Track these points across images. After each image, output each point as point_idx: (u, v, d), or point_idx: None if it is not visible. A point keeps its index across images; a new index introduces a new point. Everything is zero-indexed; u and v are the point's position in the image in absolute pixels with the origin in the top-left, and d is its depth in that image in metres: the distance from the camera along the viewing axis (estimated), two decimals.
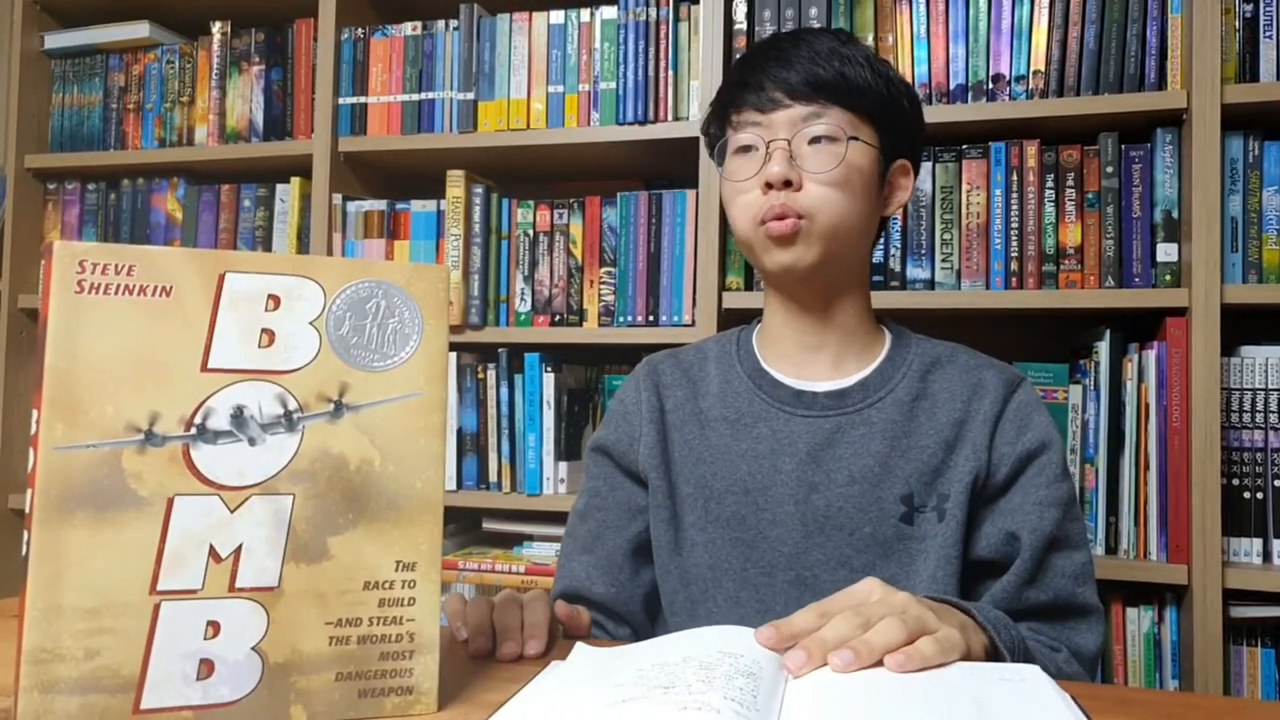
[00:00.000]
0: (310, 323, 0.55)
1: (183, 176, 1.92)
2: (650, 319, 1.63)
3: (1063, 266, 1.46)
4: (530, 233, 1.71)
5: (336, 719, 0.55)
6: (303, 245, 1.80)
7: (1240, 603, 1.35)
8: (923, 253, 1.51)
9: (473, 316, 1.70)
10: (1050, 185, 1.47)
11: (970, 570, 0.89)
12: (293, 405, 0.54)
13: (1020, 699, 0.55)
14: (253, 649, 0.53)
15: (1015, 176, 1.48)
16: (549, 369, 1.67)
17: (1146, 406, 1.40)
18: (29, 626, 0.49)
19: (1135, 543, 1.40)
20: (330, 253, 1.75)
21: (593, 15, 1.67)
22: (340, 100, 1.78)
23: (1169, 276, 1.42)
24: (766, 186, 0.88)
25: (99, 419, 0.50)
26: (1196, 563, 1.34)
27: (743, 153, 0.91)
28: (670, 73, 1.62)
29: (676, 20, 1.62)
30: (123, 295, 0.51)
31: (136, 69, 1.95)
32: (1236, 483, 1.38)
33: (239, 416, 0.53)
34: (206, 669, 0.52)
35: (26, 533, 0.50)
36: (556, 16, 1.69)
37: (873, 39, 1.53)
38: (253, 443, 0.53)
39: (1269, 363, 1.37)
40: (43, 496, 0.49)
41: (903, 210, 1.50)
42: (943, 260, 1.50)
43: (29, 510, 0.50)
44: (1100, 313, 1.48)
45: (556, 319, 1.69)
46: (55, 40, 1.98)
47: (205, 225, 1.89)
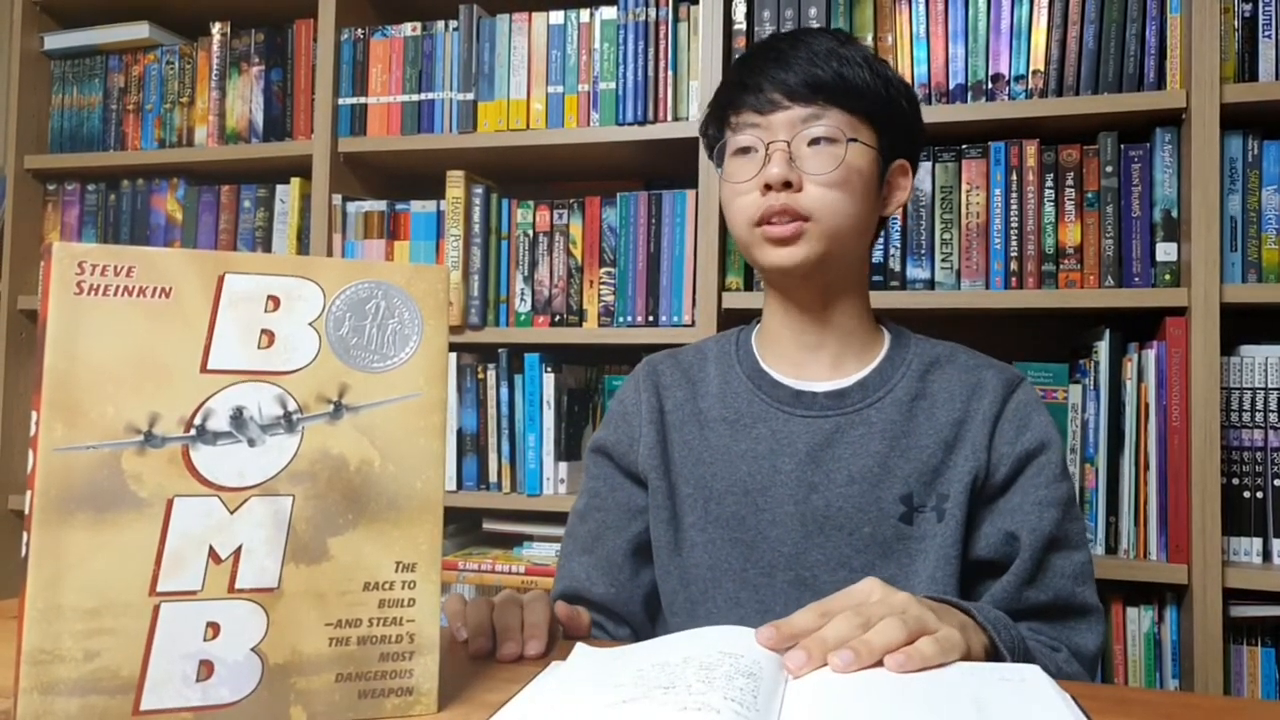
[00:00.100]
0: (310, 323, 0.55)
1: (182, 177, 1.92)
2: (650, 319, 1.63)
3: (1062, 266, 1.46)
4: (530, 233, 1.71)
5: (336, 719, 0.55)
6: (302, 246, 1.80)
7: (1240, 602, 1.35)
8: (922, 253, 1.51)
9: (473, 317, 1.70)
10: (1050, 185, 1.47)
11: (970, 570, 0.89)
12: (292, 406, 0.54)
13: (1020, 699, 0.55)
14: (252, 650, 0.53)
15: (1015, 176, 1.48)
16: (549, 369, 1.67)
17: (1146, 406, 1.40)
18: (28, 627, 0.49)
19: (1135, 542, 1.40)
20: (330, 253, 1.75)
21: (592, 15, 1.67)
22: (340, 101, 1.78)
23: (1168, 276, 1.42)
24: (766, 188, 0.87)
25: (99, 420, 0.50)
26: (1196, 562, 1.34)
27: (742, 154, 0.91)
28: (670, 73, 1.62)
29: (676, 20, 1.62)
30: (122, 296, 0.51)
31: (136, 70, 1.95)
32: (1236, 482, 1.38)
33: (239, 417, 0.53)
34: (206, 670, 0.52)
35: (26, 534, 0.50)
36: (556, 17, 1.69)
37: (872, 39, 1.53)
38: (252, 444, 0.53)
39: (1268, 362, 1.37)
40: (42, 497, 0.49)
41: (902, 210, 1.50)
42: (942, 260, 1.50)
43: (28, 511, 0.50)
44: (1100, 312, 1.48)
45: (556, 319, 1.69)
46: (55, 41, 1.98)
47: (205, 226, 1.89)
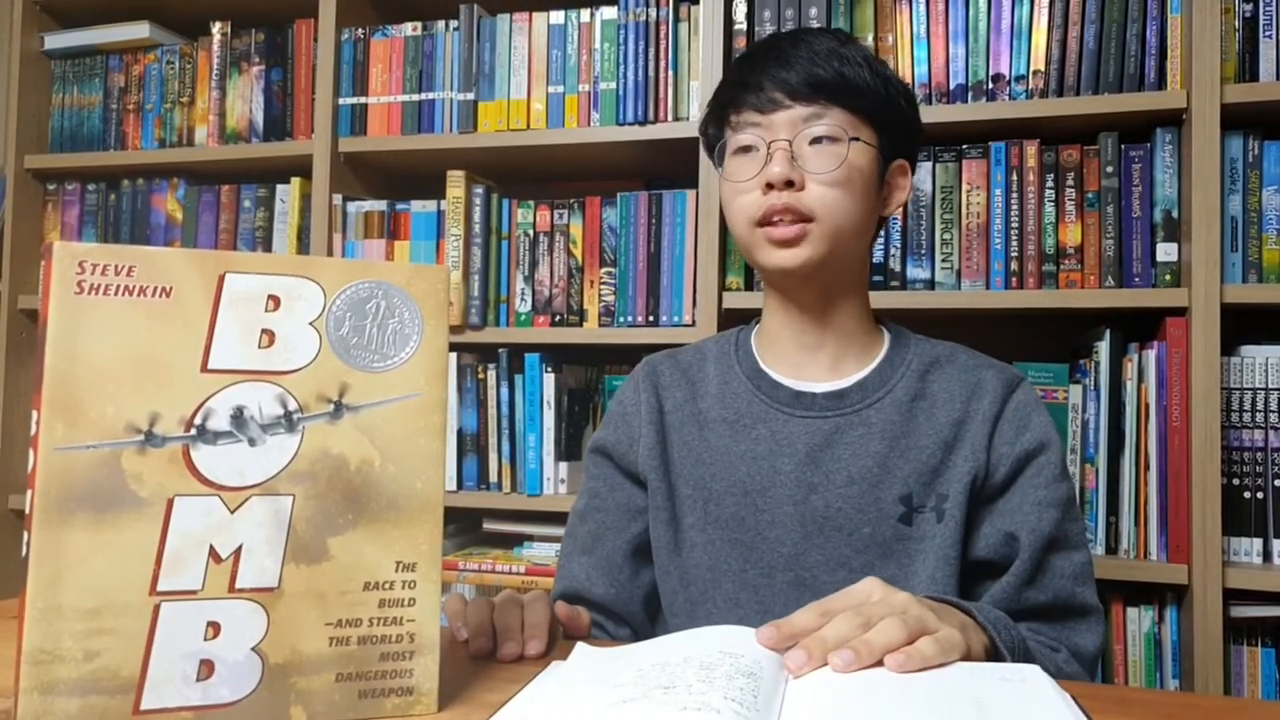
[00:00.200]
0: (310, 323, 0.55)
1: (183, 177, 1.92)
2: (650, 319, 1.63)
3: (1063, 266, 1.46)
4: (530, 233, 1.71)
5: (336, 719, 0.55)
6: (303, 246, 1.80)
7: (1240, 602, 1.35)
8: (923, 253, 1.51)
9: (473, 317, 1.70)
10: (1050, 185, 1.47)
11: (969, 571, 0.89)
12: (293, 406, 0.54)
13: (1020, 699, 0.55)
14: (253, 649, 0.53)
15: (1015, 176, 1.48)
16: (549, 369, 1.67)
17: (1146, 406, 1.40)
18: (29, 627, 0.49)
19: (1135, 543, 1.40)
20: (330, 253, 1.75)
21: (593, 15, 1.67)
22: (340, 100, 1.78)
23: (1169, 276, 1.42)
24: (768, 187, 0.87)
25: (99, 420, 0.50)
26: (1197, 562, 1.34)
27: (742, 153, 0.90)
28: (670, 73, 1.62)
29: (676, 20, 1.62)
30: (123, 296, 0.51)
31: (136, 69, 1.95)
32: (1237, 482, 1.38)
33: (239, 417, 0.53)
34: (206, 670, 0.52)
35: (26, 533, 0.50)
36: (556, 17, 1.69)
37: (872, 39, 1.53)
38: (253, 443, 0.53)
39: (1269, 362, 1.37)
40: (43, 497, 0.49)
41: (903, 210, 1.50)
42: (943, 260, 1.50)
43: (29, 511, 0.50)
44: (1100, 312, 1.48)
45: (557, 319, 1.69)
46: (55, 41, 1.98)
47: (205, 226, 1.89)
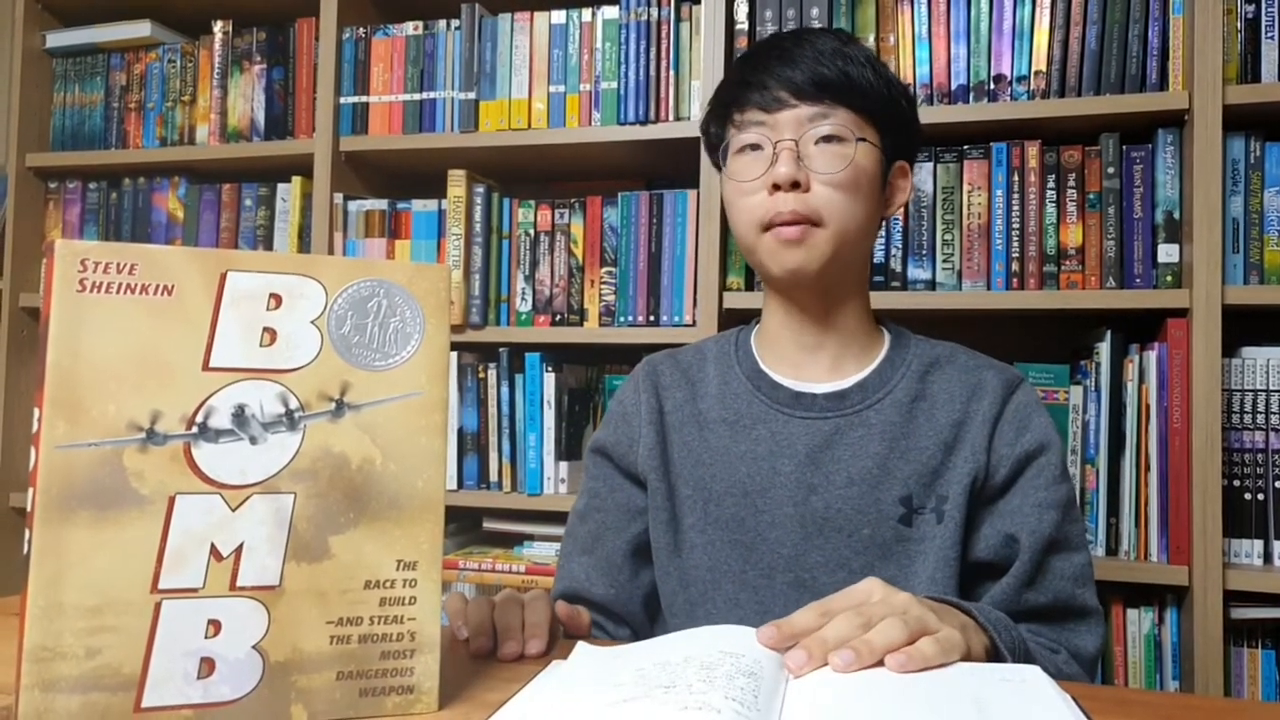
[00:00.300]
0: (312, 321, 0.55)
1: (184, 175, 1.92)
2: (651, 319, 1.63)
3: (1064, 267, 1.46)
4: (531, 232, 1.71)
5: (337, 718, 0.55)
6: (304, 244, 1.80)
7: (1241, 604, 1.35)
8: (924, 253, 1.51)
9: (474, 316, 1.70)
10: (1051, 186, 1.47)
11: (969, 572, 0.89)
12: (294, 404, 0.54)
13: (1021, 699, 0.55)
14: (253, 648, 0.53)
15: (1016, 177, 1.48)
16: (550, 369, 1.67)
17: (1147, 407, 1.40)
18: (30, 625, 0.49)
19: (1136, 544, 1.40)
20: (331, 252, 1.75)
21: (594, 15, 1.67)
22: (341, 100, 1.78)
23: (1170, 277, 1.42)
24: (774, 188, 0.87)
25: (101, 418, 0.50)
26: (1197, 564, 1.34)
27: (747, 152, 0.90)
28: (671, 73, 1.62)
29: (678, 20, 1.62)
30: (124, 294, 0.51)
31: (138, 68, 1.95)
32: (1237, 484, 1.38)
33: (240, 415, 0.53)
34: (207, 667, 0.52)
35: (28, 531, 0.50)
36: (558, 16, 1.68)
37: (874, 39, 1.53)
38: (254, 441, 0.53)
39: (1270, 364, 1.37)
40: (44, 495, 0.49)
41: (904, 210, 1.50)
42: (944, 261, 1.50)
43: (30, 509, 0.50)
44: (1101, 313, 1.47)
45: (557, 319, 1.69)
46: (57, 39, 1.98)
47: (206, 224, 1.89)
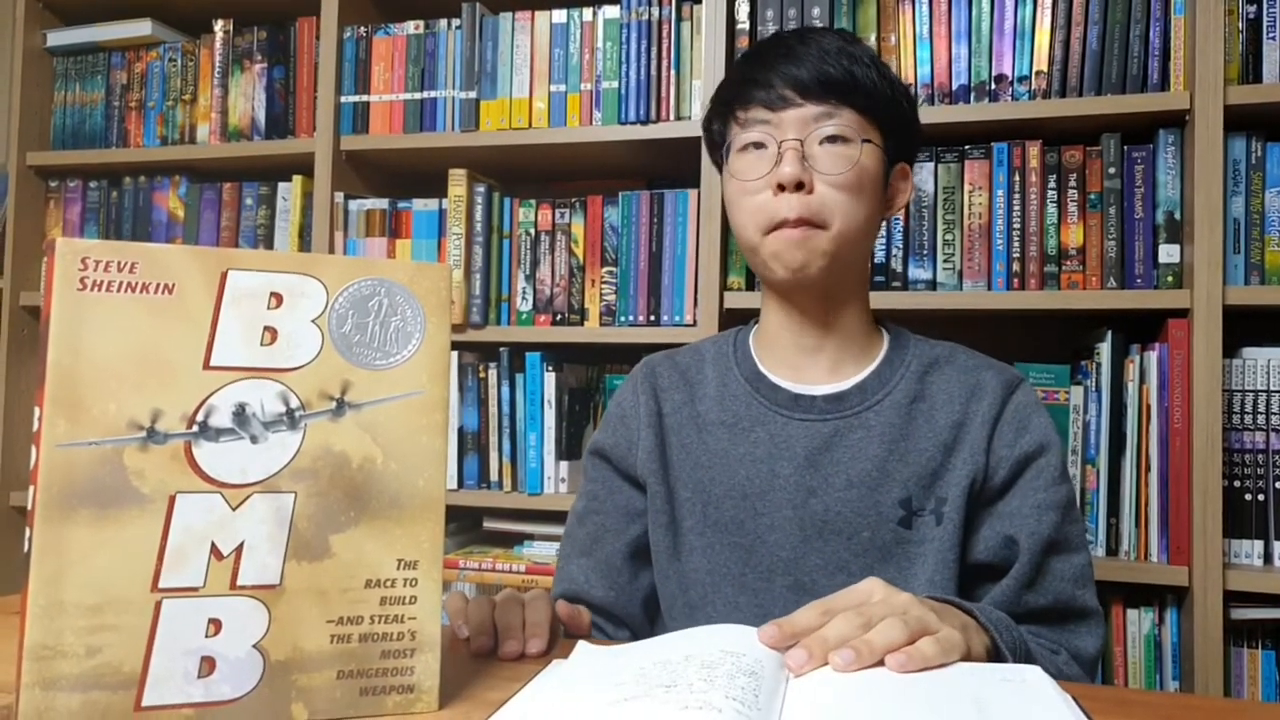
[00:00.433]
0: (312, 320, 0.55)
1: (184, 174, 1.92)
2: (651, 319, 1.63)
3: (1065, 267, 1.46)
4: (532, 232, 1.71)
5: (337, 717, 0.55)
6: (304, 244, 1.80)
7: (1241, 604, 1.35)
8: (924, 253, 1.51)
9: (474, 315, 1.70)
10: (1052, 186, 1.47)
11: (969, 573, 0.89)
12: (295, 403, 0.54)
13: (1021, 699, 0.55)
14: (254, 647, 0.53)
15: (1017, 177, 1.48)
16: (550, 368, 1.67)
17: (1148, 408, 1.40)
18: (31, 623, 0.49)
19: (1136, 544, 1.40)
20: (332, 251, 1.75)
21: (595, 14, 1.67)
22: (342, 99, 1.78)
23: (1171, 278, 1.42)
24: (778, 188, 0.86)
25: (101, 416, 0.50)
26: (1197, 564, 1.34)
27: (750, 151, 0.89)
28: (672, 72, 1.62)
29: (679, 20, 1.62)
30: (125, 293, 0.51)
31: (139, 67, 1.95)
32: (1238, 484, 1.38)
33: (241, 414, 0.53)
34: (208, 666, 0.52)
35: (29, 530, 0.50)
36: (559, 15, 1.68)
37: (875, 39, 1.53)
38: (255, 440, 0.53)
39: (1270, 364, 1.37)
40: (45, 494, 0.49)
41: (905, 210, 1.50)
42: (944, 261, 1.50)
43: (31, 507, 0.50)
44: (1102, 314, 1.47)
45: (558, 318, 1.69)
46: (58, 38, 1.98)
47: (207, 223, 1.89)
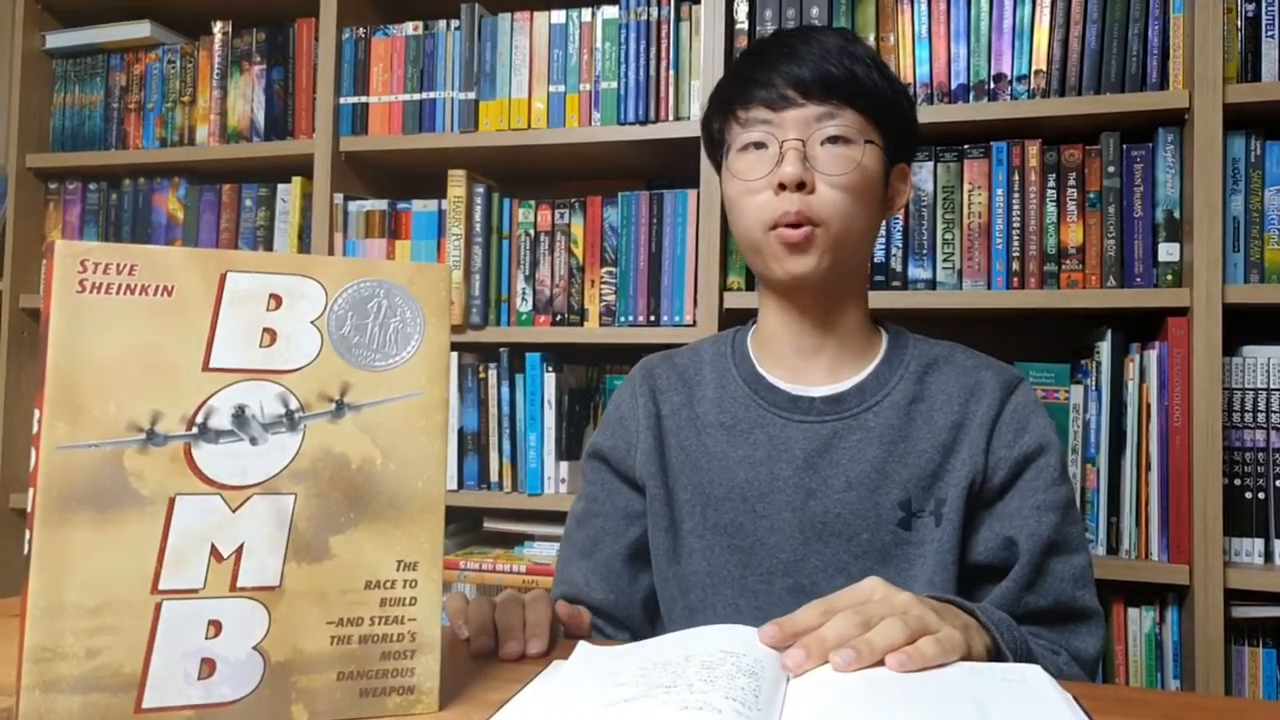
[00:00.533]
0: (312, 322, 0.55)
1: (184, 176, 1.92)
2: (651, 319, 1.63)
3: (1064, 266, 1.46)
4: (531, 232, 1.71)
5: (338, 718, 0.55)
6: (304, 245, 1.80)
7: (1241, 603, 1.35)
8: (924, 252, 1.51)
9: (474, 316, 1.70)
10: (1052, 185, 1.47)
11: (969, 575, 0.88)
12: (294, 404, 0.54)
13: (1021, 699, 0.55)
14: (254, 648, 0.53)
15: (1017, 176, 1.48)
16: (550, 369, 1.67)
17: (1148, 406, 1.40)
18: (31, 625, 0.49)
19: (1136, 543, 1.40)
20: (331, 252, 1.75)
21: (594, 15, 1.67)
22: (341, 100, 1.78)
23: (1170, 276, 1.42)
24: (780, 188, 0.85)
25: (101, 418, 0.50)
26: (1198, 563, 1.34)
27: (751, 150, 0.89)
28: (671, 72, 1.62)
29: (678, 20, 1.62)
30: (124, 295, 0.51)
31: (138, 69, 1.95)
32: (1238, 483, 1.38)
33: (240, 416, 0.53)
34: (208, 668, 0.52)
35: (28, 532, 0.50)
36: (558, 16, 1.68)
37: (874, 38, 1.53)
38: (254, 442, 0.53)
39: (1270, 363, 1.37)
40: (45, 496, 0.49)
41: (904, 210, 1.50)
42: (944, 260, 1.50)
43: (31, 509, 0.50)
44: (1102, 313, 1.47)
45: (558, 319, 1.69)
46: (57, 40, 1.98)
47: (206, 225, 1.89)
